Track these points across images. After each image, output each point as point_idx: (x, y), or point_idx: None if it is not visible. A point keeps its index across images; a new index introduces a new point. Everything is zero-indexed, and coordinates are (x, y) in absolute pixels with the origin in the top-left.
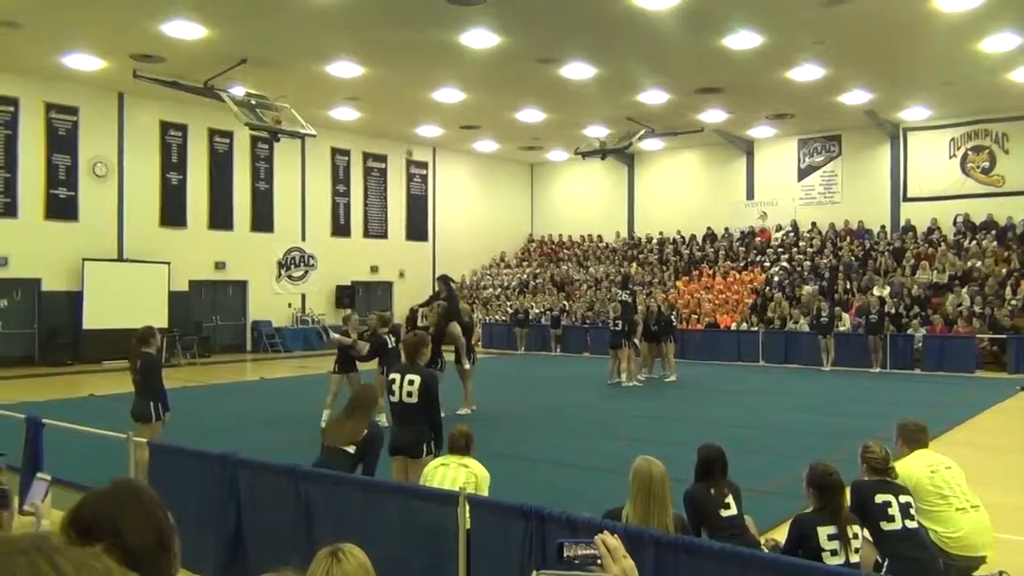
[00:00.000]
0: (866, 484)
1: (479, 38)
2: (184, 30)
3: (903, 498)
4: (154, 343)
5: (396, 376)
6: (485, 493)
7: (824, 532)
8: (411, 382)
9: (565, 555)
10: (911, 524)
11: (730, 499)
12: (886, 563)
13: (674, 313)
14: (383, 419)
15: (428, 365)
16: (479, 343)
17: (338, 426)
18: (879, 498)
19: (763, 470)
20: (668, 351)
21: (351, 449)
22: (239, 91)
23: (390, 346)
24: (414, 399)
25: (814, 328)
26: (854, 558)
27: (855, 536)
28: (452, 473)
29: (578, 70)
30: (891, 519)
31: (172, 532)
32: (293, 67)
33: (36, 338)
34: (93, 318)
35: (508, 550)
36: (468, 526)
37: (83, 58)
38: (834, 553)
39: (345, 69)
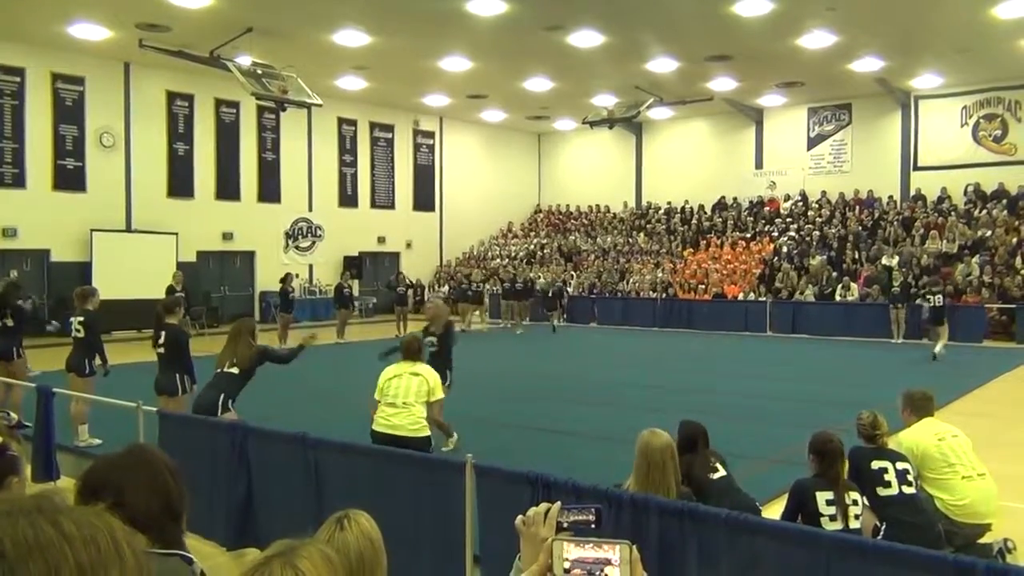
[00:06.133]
0: (862, 450)
1: (486, 5)
2: None
3: (900, 464)
4: (179, 313)
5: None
6: (439, 395)
7: (822, 497)
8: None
9: (557, 520)
10: (908, 490)
11: (717, 464)
12: (883, 527)
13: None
14: None
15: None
16: (486, 312)
17: (226, 352)
18: (875, 464)
19: (771, 439)
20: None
21: (236, 371)
22: (245, 60)
23: None
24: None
25: (821, 298)
26: (854, 524)
27: (854, 503)
28: (405, 383)
29: (586, 38)
30: (887, 485)
31: (182, 500)
32: (299, 36)
33: (45, 308)
34: (102, 289)
35: (514, 517)
36: (474, 493)
37: (89, 27)
38: (832, 519)
39: (351, 38)
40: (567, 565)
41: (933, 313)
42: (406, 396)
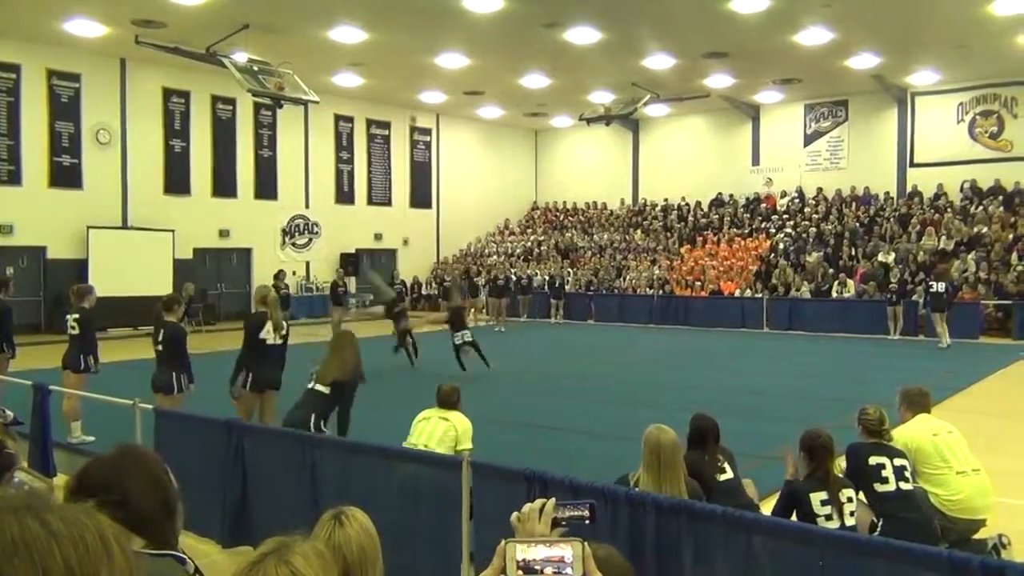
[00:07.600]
0: (861, 446)
1: (483, 1)
2: None
3: (897, 461)
4: (178, 311)
5: None
6: (467, 444)
7: (817, 498)
8: None
9: (553, 516)
10: (905, 486)
11: (725, 464)
12: (880, 523)
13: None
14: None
15: None
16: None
17: (323, 366)
18: (873, 460)
19: (768, 436)
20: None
21: (326, 390)
22: (241, 57)
23: None
24: None
25: (817, 295)
26: (849, 521)
27: (848, 500)
28: (431, 427)
29: (583, 34)
30: (885, 481)
31: (177, 496)
32: (295, 32)
33: (42, 306)
34: (98, 286)
35: (510, 513)
36: (471, 490)
37: (85, 23)
38: (828, 518)
39: (348, 34)
40: (520, 565)
41: (933, 300)
42: (428, 440)
